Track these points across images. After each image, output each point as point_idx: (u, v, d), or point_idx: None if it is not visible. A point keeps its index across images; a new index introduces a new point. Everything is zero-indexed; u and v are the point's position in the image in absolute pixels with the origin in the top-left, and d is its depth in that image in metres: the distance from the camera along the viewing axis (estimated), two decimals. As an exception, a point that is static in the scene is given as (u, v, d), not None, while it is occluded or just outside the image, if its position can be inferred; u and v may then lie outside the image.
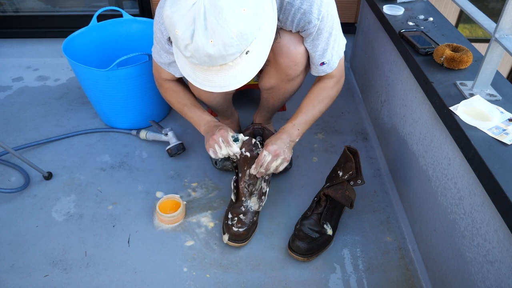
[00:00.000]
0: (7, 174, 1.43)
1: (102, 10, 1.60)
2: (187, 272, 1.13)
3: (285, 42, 1.08)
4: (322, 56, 1.09)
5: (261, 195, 1.21)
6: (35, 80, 1.95)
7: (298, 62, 1.12)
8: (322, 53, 1.09)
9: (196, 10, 0.76)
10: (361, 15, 1.88)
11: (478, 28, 5.58)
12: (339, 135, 1.61)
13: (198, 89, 1.21)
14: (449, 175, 0.99)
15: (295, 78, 1.17)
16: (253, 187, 1.19)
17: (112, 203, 1.33)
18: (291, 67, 1.13)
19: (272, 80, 1.22)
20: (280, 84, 1.22)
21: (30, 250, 1.18)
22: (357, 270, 1.14)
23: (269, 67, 1.21)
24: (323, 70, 1.14)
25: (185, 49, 0.80)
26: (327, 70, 1.14)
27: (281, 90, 1.25)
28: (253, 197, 1.19)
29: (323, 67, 1.13)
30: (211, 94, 1.23)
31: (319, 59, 1.10)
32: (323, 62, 1.11)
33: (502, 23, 0.90)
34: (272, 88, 1.25)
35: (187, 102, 1.23)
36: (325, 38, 1.05)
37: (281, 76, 1.18)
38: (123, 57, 1.37)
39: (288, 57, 1.11)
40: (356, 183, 1.15)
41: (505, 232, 0.77)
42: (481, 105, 0.95)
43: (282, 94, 1.27)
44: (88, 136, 1.60)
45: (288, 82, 1.20)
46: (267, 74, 1.23)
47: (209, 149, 1.16)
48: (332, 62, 1.12)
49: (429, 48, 1.17)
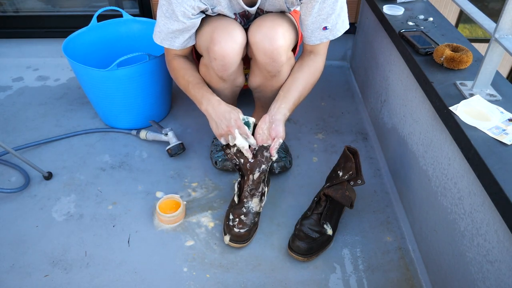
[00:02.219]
0: (7, 174, 1.43)
1: (102, 10, 1.60)
2: (187, 272, 1.13)
3: (260, 38, 1.09)
4: (326, 20, 1.09)
5: (261, 196, 1.21)
6: (35, 80, 1.95)
7: (275, 58, 1.11)
8: (327, 16, 1.08)
9: None
10: (361, 15, 1.88)
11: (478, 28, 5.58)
12: (339, 135, 1.61)
13: (210, 81, 1.22)
14: (449, 175, 0.99)
15: (277, 74, 1.18)
16: (255, 191, 1.19)
17: (112, 203, 1.33)
18: (269, 64, 1.14)
19: (257, 79, 1.24)
20: (265, 82, 1.23)
21: (30, 250, 1.18)
22: (357, 270, 1.14)
23: (253, 65, 1.23)
24: (325, 36, 1.13)
25: None
26: (329, 36, 1.13)
27: (268, 87, 1.25)
28: (254, 198, 1.19)
29: (326, 33, 1.12)
30: (221, 86, 1.24)
31: (323, 23, 1.09)
32: (325, 26, 1.10)
33: (502, 23, 0.90)
34: (259, 86, 1.27)
35: (192, 80, 1.21)
36: (331, 3, 1.06)
37: (263, 73, 1.19)
38: (123, 57, 1.37)
39: (265, 54, 1.11)
40: (356, 183, 1.15)
41: (505, 232, 0.77)
42: (481, 105, 0.95)
43: (271, 92, 1.27)
44: (88, 136, 1.60)
45: (271, 78, 1.20)
46: (253, 73, 1.25)
47: (221, 137, 1.16)
48: (336, 30, 1.12)
49: (429, 48, 1.17)
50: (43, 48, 2.09)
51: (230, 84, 1.24)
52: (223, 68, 1.14)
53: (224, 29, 1.10)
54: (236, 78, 1.22)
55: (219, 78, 1.19)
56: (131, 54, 1.38)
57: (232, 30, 1.10)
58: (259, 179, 1.17)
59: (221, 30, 1.10)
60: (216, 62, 1.13)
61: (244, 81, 1.28)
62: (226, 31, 1.09)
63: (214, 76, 1.19)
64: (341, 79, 1.97)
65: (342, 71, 2.03)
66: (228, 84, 1.23)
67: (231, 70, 1.16)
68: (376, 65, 1.60)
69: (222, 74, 1.17)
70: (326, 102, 1.80)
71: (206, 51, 1.14)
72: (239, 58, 1.15)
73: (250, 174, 1.16)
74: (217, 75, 1.18)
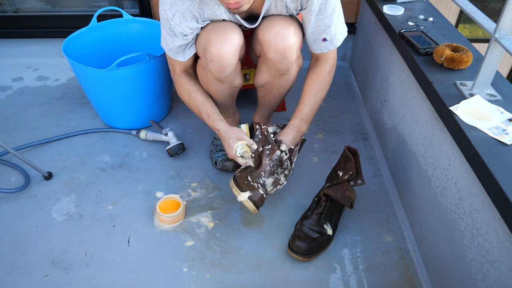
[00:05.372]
0: (7, 174, 1.43)
1: (102, 10, 1.60)
2: (187, 272, 1.13)
3: (272, 36, 1.10)
4: (325, 32, 1.12)
5: (276, 183, 1.21)
6: (35, 80, 1.95)
7: (287, 56, 1.12)
8: (325, 29, 1.11)
9: None
10: (361, 15, 1.88)
11: (478, 28, 5.58)
12: (339, 135, 1.61)
13: (207, 82, 1.24)
14: (449, 175, 0.99)
15: (286, 72, 1.19)
16: (276, 168, 1.19)
17: (112, 203, 1.33)
18: (280, 61, 1.14)
19: (265, 76, 1.24)
20: (272, 80, 1.23)
21: (30, 250, 1.18)
22: (357, 270, 1.14)
23: (260, 63, 1.23)
24: (326, 47, 1.16)
25: None
26: (329, 47, 1.16)
27: (275, 86, 1.26)
28: (271, 178, 1.19)
29: (326, 43, 1.15)
30: (219, 88, 1.25)
31: (322, 34, 1.12)
32: (325, 38, 1.13)
33: (502, 23, 0.90)
34: (265, 84, 1.27)
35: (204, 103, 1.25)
36: (328, 15, 1.08)
37: (272, 71, 1.19)
38: (123, 57, 1.37)
39: (276, 52, 1.12)
40: (356, 183, 1.15)
41: (505, 232, 0.77)
42: (481, 105, 0.95)
43: (277, 90, 1.27)
44: (88, 136, 1.60)
45: (280, 77, 1.21)
46: (259, 71, 1.25)
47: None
48: (336, 40, 1.15)
49: (429, 48, 1.17)
50: (43, 48, 2.09)
51: (228, 85, 1.24)
52: (219, 69, 1.15)
53: (220, 31, 1.11)
54: (234, 79, 1.23)
55: (216, 79, 1.19)
56: (131, 54, 1.38)
57: (228, 31, 1.10)
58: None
59: (217, 32, 1.11)
60: (212, 64, 1.13)
61: (242, 82, 1.28)
62: (222, 32, 1.10)
63: (211, 78, 1.20)
64: (341, 79, 1.97)
65: (342, 71, 2.03)
66: (225, 85, 1.23)
67: (228, 72, 1.17)
68: (376, 65, 1.60)
69: (219, 75, 1.17)
70: (326, 102, 1.79)
71: (202, 52, 1.15)
72: (235, 59, 1.16)
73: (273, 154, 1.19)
74: (214, 77, 1.18)
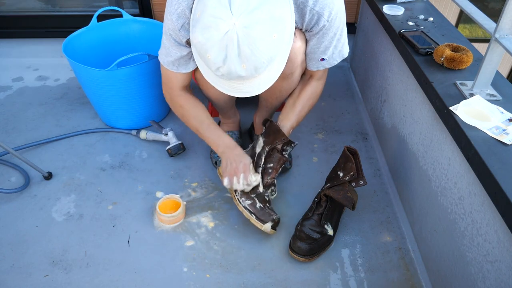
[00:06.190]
0: (7, 174, 1.43)
1: (102, 10, 1.60)
2: (187, 272, 1.13)
3: None
4: (324, 52, 1.14)
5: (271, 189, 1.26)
6: (35, 80, 1.95)
7: (292, 59, 1.12)
8: (325, 50, 1.13)
9: (229, 39, 0.83)
10: (361, 15, 1.88)
11: (478, 28, 5.58)
12: (339, 135, 1.61)
13: (207, 86, 1.23)
14: (449, 175, 0.99)
15: (289, 75, 1.19)
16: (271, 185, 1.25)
17: (112, 203, 1.33)
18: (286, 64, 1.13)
19: None
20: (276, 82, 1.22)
21: (30, 250, 1.18)
22: (357, 270, 1.14)
23: None
24: (322, 65, 1.18)
25: (216, 70, 0.88)
26: (326, 65, 1.18)
27: (278, 88, 1.25)
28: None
29: (323, 63, 1.17)
30: (219, 92, 1.23)
31: (320, 55, 1.14)
32: (323, 58, 1.15)
33: (502, 23, 0.90)
34: None
35: (204, 120, 1.24)
36: (329, 38, 1.10)
37: None
38: (123, 57, 1.37)
39: None
40: (358, 184, 1.15)
41: (505, 232, 0.77)
42: (481, 105, 0.95)
43: (279, 92, 1.27)
44: (88, 136, 1.60)
45: (283, 79, 1.20)
46: None
47: (225, 178, 1.19)
48: (333, 60, 1.17)
49: (429, 48, 1.17)
50: (43, 48, 2.09)
51: None
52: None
53: None
54: None
55: None
56: (131, 54, 1.38)
57: None
58: None
59: None
60: None
61: None
62: None
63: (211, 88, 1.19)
64: (341, 79, 1.97)
65: (342, 71, 2.03)
66: None
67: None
68: (376, 65, 1.60)
69: None
70: (326, 102, 1.79)
71: None
72: None
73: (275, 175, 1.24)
74: None
